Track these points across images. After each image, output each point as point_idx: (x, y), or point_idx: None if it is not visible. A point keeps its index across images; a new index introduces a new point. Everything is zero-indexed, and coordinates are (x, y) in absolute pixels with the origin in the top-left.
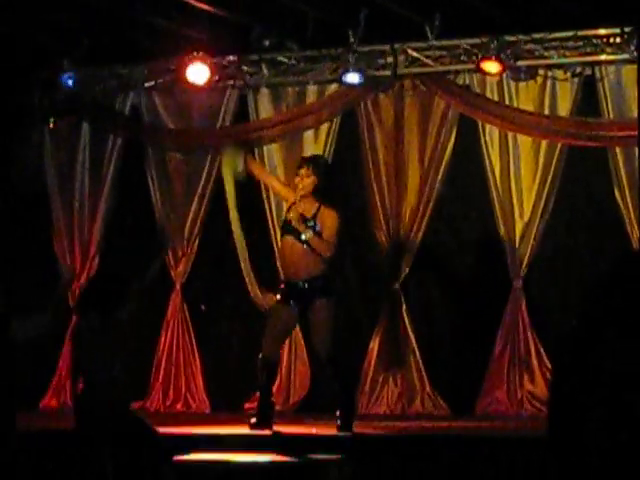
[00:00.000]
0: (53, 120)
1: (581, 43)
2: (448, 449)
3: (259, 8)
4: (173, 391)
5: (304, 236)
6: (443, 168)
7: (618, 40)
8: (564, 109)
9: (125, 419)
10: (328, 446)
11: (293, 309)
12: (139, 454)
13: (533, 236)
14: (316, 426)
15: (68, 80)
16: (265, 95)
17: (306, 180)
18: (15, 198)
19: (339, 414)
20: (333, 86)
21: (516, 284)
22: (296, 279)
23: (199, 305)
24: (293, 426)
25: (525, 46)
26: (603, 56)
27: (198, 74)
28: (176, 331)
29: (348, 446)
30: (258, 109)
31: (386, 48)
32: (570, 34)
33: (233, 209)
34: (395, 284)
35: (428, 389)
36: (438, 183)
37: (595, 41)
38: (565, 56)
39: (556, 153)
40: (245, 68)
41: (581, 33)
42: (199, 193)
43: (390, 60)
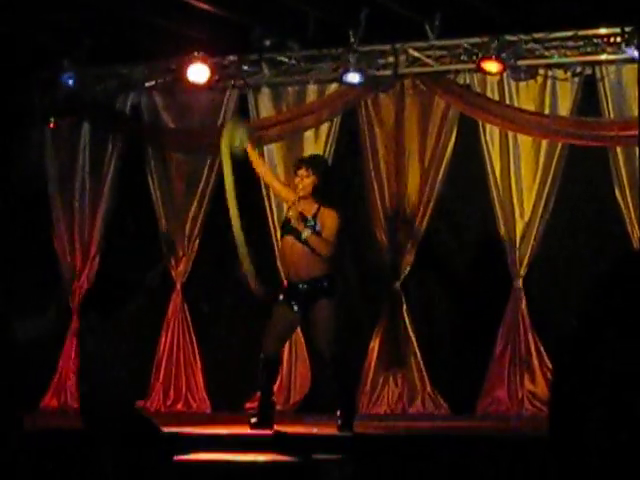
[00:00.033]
0: (53, 120)
1: (581, 43)
2: (448, 449)
3: (259, 8)
4: (174, 391)
5: (303, 235)
6: (443, 168)
7: (618, 40)
8: (564, 109)
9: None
10: (329, 446)
11: (295, 309)
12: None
13: (533, 236)
14: (317, 426)
15: (68, 80)
16: (265, 95)
17: (305, 180)
18: (15, 198)
19: (340, 414)
20: (333, 86)
21: (516, 284)
22: (297, 280)
23: (200, 305)
24: (294, 426)
25: (525, 46)
26: (603, 56)
27: (198, 74)
28: (177, 331)
29: (349, 446)
30: (258, 109)
31: (387, 48)
32: (570, 34)
33: (230, 183)
34: (396, 284)
35: (429, 389)
36: (438, 183)
37: (595, 41)
38: (565, 56)
39: (557, 153)
40: (245, 68)
41: (581, 33)
42: (199, 193)
43: (391, 60)
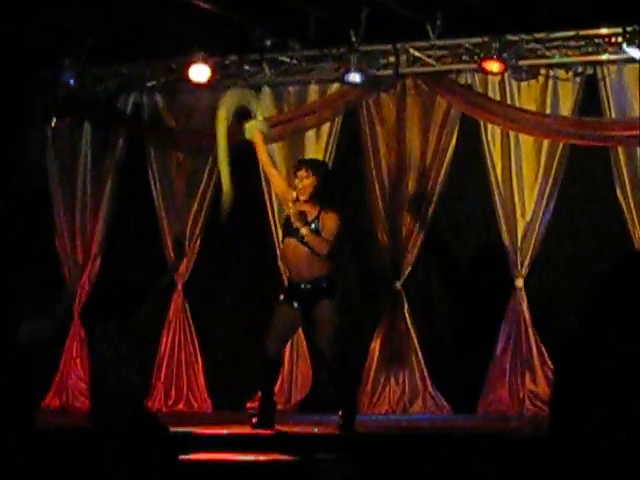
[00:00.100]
0: (54, 120)
1: (583, 43)
2: (449, 449)
3: (260, 8)
4: (175, 391)
5: (301, 232)
6: (445, 167)
7: (620, 40)
8: (566, 109)
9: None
10: (330, 446)
11: (296, 309)
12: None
13: (535, 236)
14: (318, 426)
15: (70, 79)
16: (266, 95)
17: (305, 181)
18: (16, 198)
19: (341, 414)
20: (335, 86)
21: (518, 283)
22: (299, 280)
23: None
24: (295, 426)
25: (527, 46)
26: (605, 56)
27: (199, 74)
28: (178, 331)
29: (350, 446)
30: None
31: (388, 48)
32: (572, 34)
33: (222, 139)
34: (396, 283)
35: (430, 388)
36: (440, 183)
37: (597, 41)
38: (567, 55)
39: (558, 153)
40: (246, 68)
41: (583, 33)
42: (200, 193)
43: (392, 60)
